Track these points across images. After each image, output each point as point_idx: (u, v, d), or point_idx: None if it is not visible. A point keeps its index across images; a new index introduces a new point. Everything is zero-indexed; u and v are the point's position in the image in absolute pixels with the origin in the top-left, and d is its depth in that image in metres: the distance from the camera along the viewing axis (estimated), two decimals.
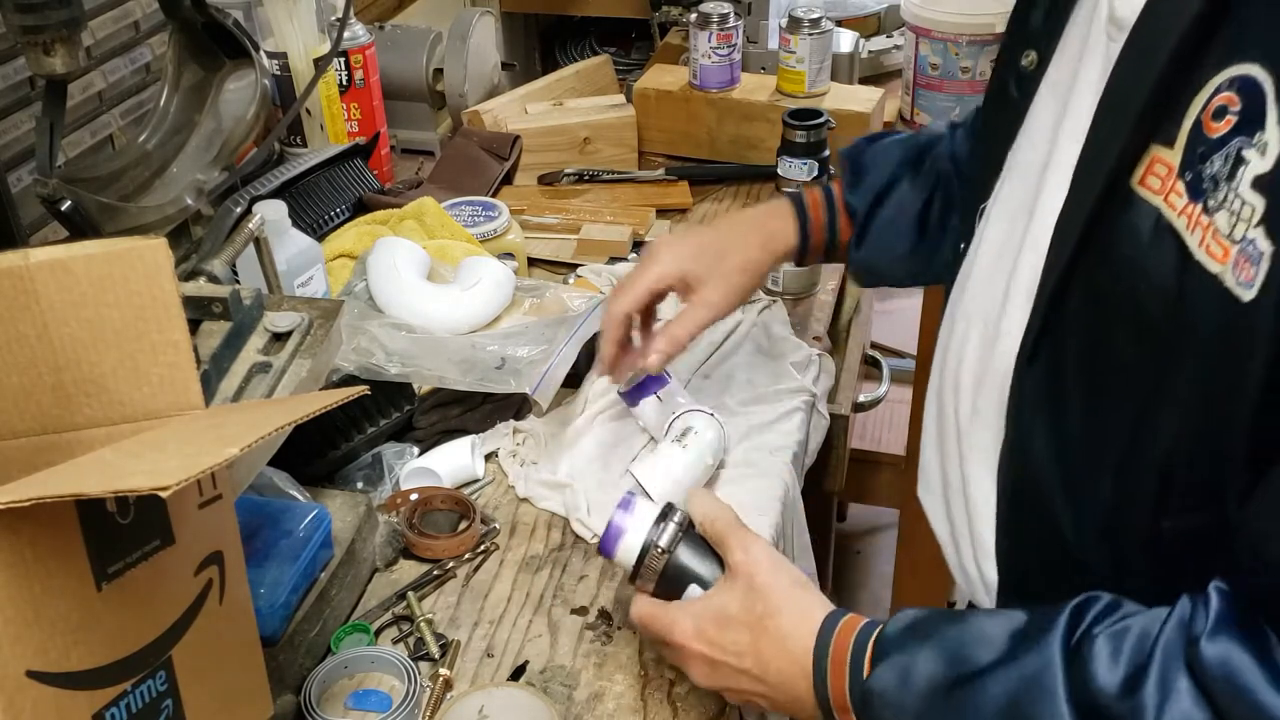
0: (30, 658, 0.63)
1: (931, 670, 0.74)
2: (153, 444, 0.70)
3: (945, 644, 0.75)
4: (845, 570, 2.60)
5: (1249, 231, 0.62)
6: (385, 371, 1.24)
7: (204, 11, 1.41)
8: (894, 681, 0.76)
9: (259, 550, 1.00)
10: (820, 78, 1.83)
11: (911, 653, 0.76)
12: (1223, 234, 0.63)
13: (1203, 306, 0.65)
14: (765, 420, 1.30)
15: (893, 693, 0.75)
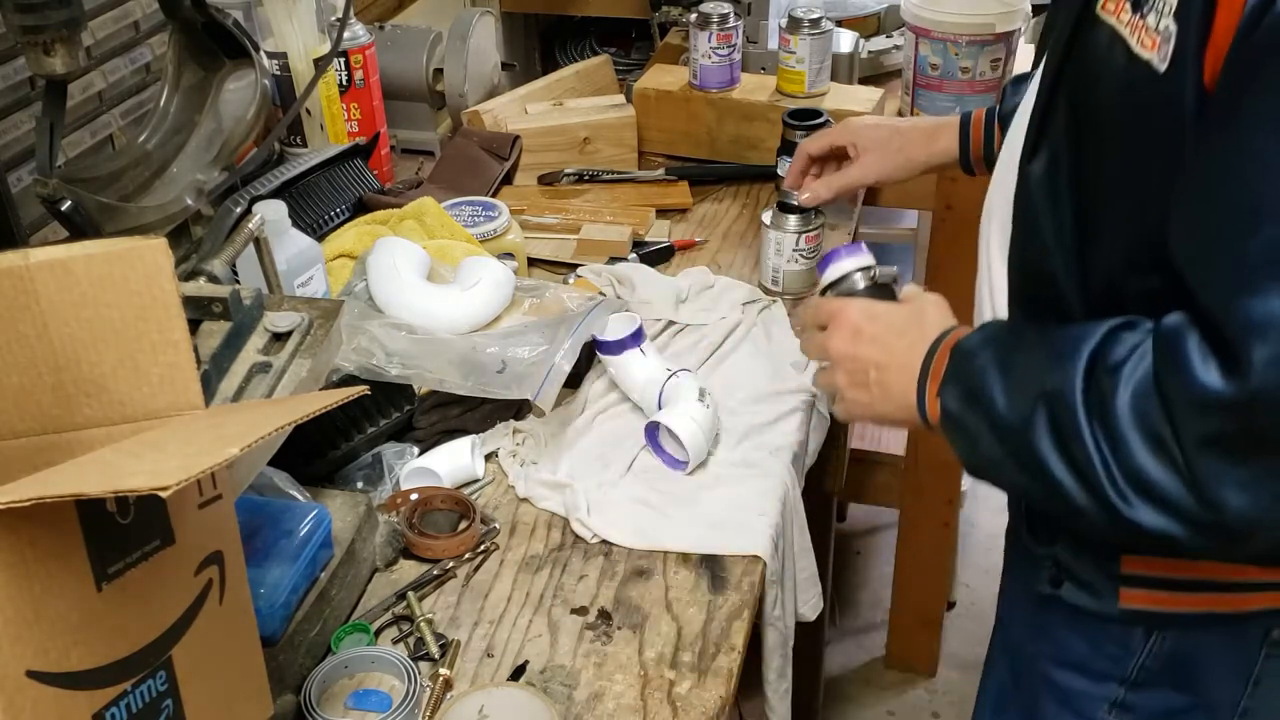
0: (30, 658, 0.63)
1: (1004, 339, 0.95)
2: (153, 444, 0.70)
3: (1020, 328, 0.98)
4: (845, 570, 2.60)
5: (1165, 20, 0.80)
6: (385, 372, 1.24)
7: (204, 11, 1.41)
8: (977, 342, 0.96)
9: (259, 550, 1.00)
10: (820, 78, 1.83)
11: (996, 328, 0.98)
12: (1151, 29, 0.82)
13: (1140, 89, 0.83)
14: (765, 420, 1.30)
15: (973, 348, 0.95)
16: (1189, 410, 0.79)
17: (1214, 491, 0.79)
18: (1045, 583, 1.02)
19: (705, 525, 1.17)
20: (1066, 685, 1.04)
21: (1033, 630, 1.07)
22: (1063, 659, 1.04)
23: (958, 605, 2.49)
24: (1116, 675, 1.00)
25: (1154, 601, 0.96)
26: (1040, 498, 0.91)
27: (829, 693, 2.28)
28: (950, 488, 2.13)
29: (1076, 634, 1.02)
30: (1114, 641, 0.99)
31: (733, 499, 1.20)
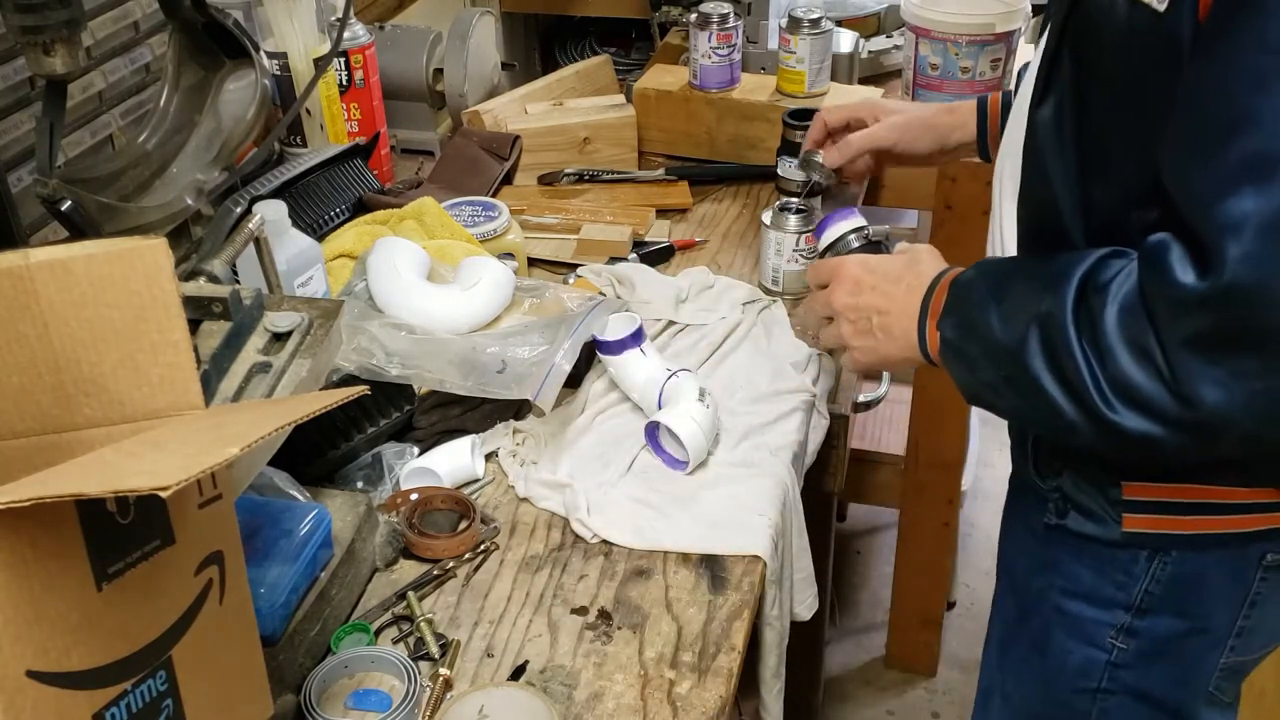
0: (30, 658, 0.63)
1: (999, 271, 1.02)
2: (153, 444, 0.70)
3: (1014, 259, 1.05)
4: (845, 570, 2.60)
5: None
6: (385, 372, 1.24)
7: (204, 11, 1.41)
8: (972, 274, 1.02)
9: (259, 550, 1.00)
10: (820, 78, 1.83)
11: (991, 263, 1.05)
12: None
13: (1141, 31, 0.88)
14: (765, 420, 1.30)
15: (970, 280, 1.02)
16: (1169, 312, 0.85)
17: (1191, 389, 0.84)
18: (1052, 514, 1.08)
19: (705, 525, 1.17)
20: (1076, 613, 1.09)
21: (1040, 565, 1.11)
22: (1071, 589, 1.08)
23: (958, 605, 2.49)
24: (1122, 602, 1.05)
25: (1155, 525, 1.01)
26: (1033, 417, 0.98)
27: (829, 693, 2.28)
28: (950, 488, 2.13)
29: (1083, 565, 1.07)
30: (1119, 569, 1.04)
31: (733, 499, 1.20)
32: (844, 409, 1.47)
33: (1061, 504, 1.07)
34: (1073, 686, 1.11)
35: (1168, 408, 0.86)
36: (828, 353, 1.42)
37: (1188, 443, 0.88)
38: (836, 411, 1.44)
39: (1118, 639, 1.07)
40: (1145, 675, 1.08)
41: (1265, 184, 0.80)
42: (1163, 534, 1.02)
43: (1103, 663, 1.09)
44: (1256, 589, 1.03)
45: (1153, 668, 1.07)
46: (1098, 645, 1.08)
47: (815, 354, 1.42)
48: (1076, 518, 1.06)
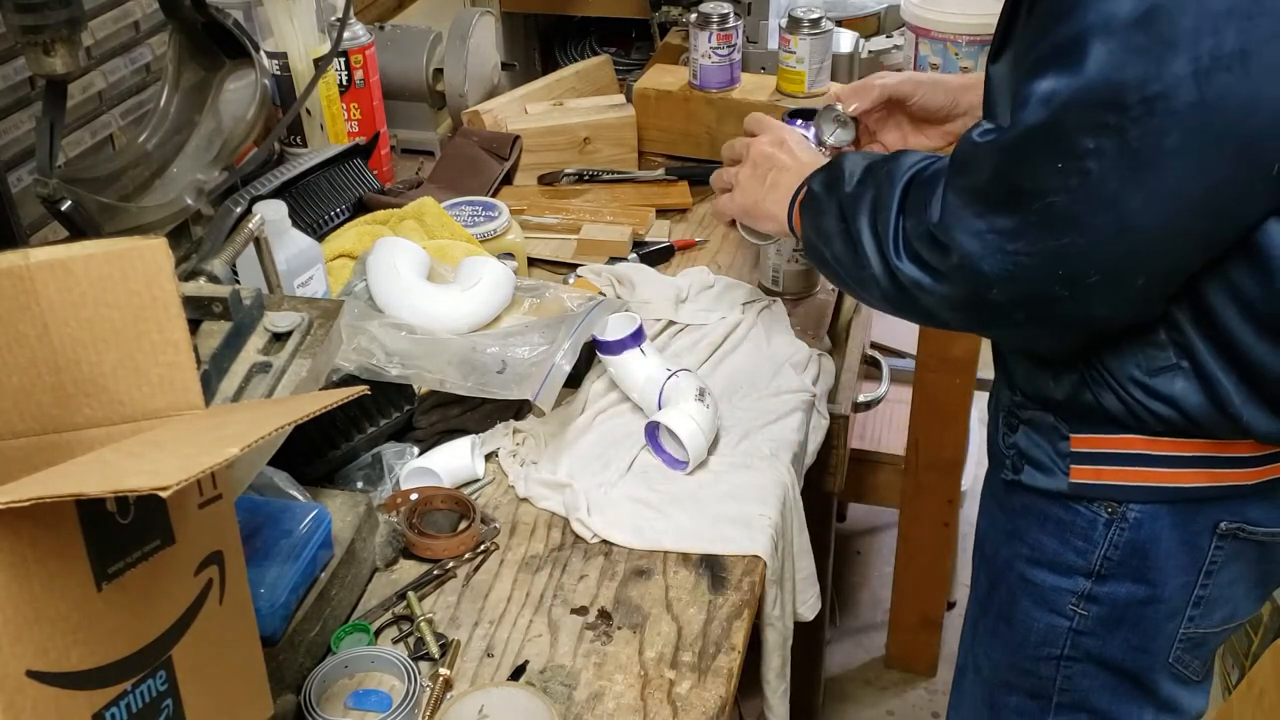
0: (30, 658, 0.63)
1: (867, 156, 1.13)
2: (153, 444, 0.70)
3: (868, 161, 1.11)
4: (845, 570, 2.60)
5: None
6: (385, 372, 1.24)
7: (204, 11, 1.41)
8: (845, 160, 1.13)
9: (259, 550, 1.00)
10: (820, 78, 1.83)
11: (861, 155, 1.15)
12: None
13: None
14: (765, 420, 1.30)
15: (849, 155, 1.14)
16: (956, 164, 0.97)
17: (950, 236, 0.95)
18: (1008, 470, 1.12)
19: (705, 525, 1.17)
20: (1039, 581, 1.12)
21: (1006, 535, 1.14)
22: (1035, 558, 1.11)
23: (958, 605, 2.49)
24: (1082, 569, 1.08)
25: (1100, 476, 1.05)
26: (850, 265, 1.07)
27: (829, 693, 2.28)
28: (950, 488, 2.13)
29: (1045, 532, 1.10)
30: (1079, 535, 1.07)
31: (733, 499, 1.20)
32: (844, 409, 1.47)
33: (1017, 460, 1.10)
34: (1037, 654, 1.14)
35: (931, 254, 0.97)
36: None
37: (947, 293, 0.97)
38: (836, 411, 1.44)
39: (1079, 605, 1.10)
40: (1106, 642, 1.10)
41: (1067, 67, 0.86)
42: (1107, 485, 1.04)
43: (1065, 629, 1.11)
44: (1212, 557, 1.05)
45: (1113, 635, 1.10)
46: (1060, 612, 1.11)
47: (815, 354, 1.42)
48: (1030, 472, 1.09)
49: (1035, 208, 0.90)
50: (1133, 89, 0.84)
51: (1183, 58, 0.83)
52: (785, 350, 1.41)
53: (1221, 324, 0.94)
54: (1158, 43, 0.83)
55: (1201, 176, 0.86)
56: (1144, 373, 0.98)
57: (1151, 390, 0.98)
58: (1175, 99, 0.83)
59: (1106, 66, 0.85)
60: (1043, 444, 1.08)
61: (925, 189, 0.99)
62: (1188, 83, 0.83)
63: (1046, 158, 0.89)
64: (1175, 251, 0.91)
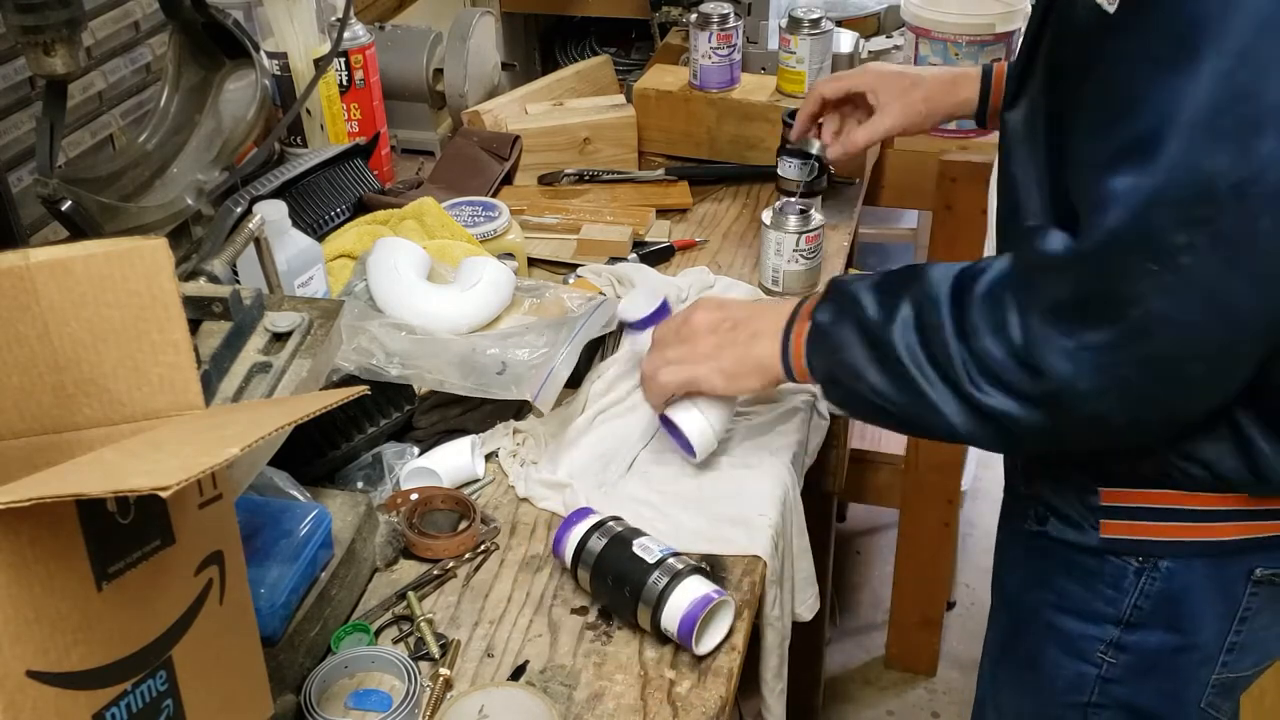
0: (30, 658, 0.63)
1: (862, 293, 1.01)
2: (153, 444, 0.70)
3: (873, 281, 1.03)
4: (845, 570, 2.60)
5: None
6: (385, 372, 1.24)
7: (204, 11, 1.41)
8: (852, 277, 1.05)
9: (259, 550, 1.00)
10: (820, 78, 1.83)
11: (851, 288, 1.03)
12: None
13: (1097, 32, 0.88)
14: (765, 420, 1.30)
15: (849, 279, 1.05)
16: (1032, 280, 0.90)
17: (1040, 358, 0.88)
18: (1032, 521, 1.09)
19: (705, 525, 1.17)
20: (1067, 629, 1.09)
21: (1031, 580, 1.12)
22: (1062, 605, 1.09)
23: (958, 605, 2.49)
24: (1111, 617, 1.06)
25: (1132, 531, 1.02)
26: (896, 400, 0.98)
27: (829, 693, 2.28)
28: (950, 488, 2.13)
29: (1073, 579, 1.07)
30: (1108, 584, 1.05)
31: (733, 499, 1.20)
32: None
33: (1042, 511, 1.08)
34: (1064, 701, 1.11)
35: (1020, 381, 0.90)
36: None
37: (1041, 421, 0.91)
38: (837, 411, 1.44)
39: (1108, 654, 1.07)
40: (1136, 690, 1.08)
41: (1145, 163, 0.82)
42: (1140, 540, 1.02)
43: (1093, 677, 1.09)
44: (1246, 604, 1.03)
45: (1144, 682, 1.07)
46: (1088, 660, 1.09)
47: None
48: (1056, 524, 1.06)
49: (1131, 315, 0.85)
50: (1221, 177, 0.80)
51: (1270, 139, 0.79)
52: None
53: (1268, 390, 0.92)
54: (1242, 126, 0.80)
55: None
56: (1185, 444, 0.96)
57: (1188, 455, 0.96)
58: (1265, 181, 0.80)
59: (1191, 156, 0.81)
60: (1070, 498, 1.05)
61: (991, 308, 0.91)
62: (1277, 162, 0.80)
63: (1137, 261, 0.84)
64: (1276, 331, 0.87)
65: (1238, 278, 0.83)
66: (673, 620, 1.02)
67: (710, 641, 1.04)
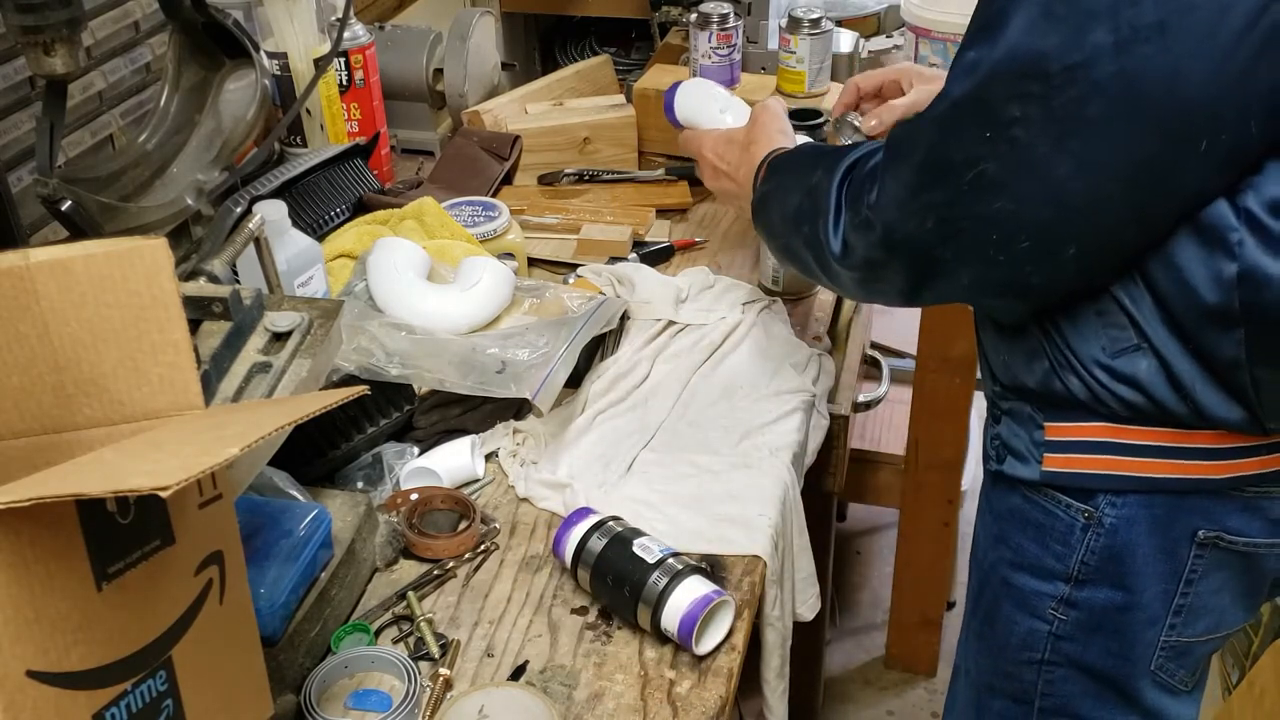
0: (30, 658, 0.63)
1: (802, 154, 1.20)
2: (153, 444, 0.70)
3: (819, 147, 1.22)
4: (845, 570, 2.60)
5: None
6: (385, 372, 1.24)
7: (204, 11, 1.41)
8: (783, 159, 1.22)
9: (259, 550, 1.00)
10: (820, 78, 1.83)
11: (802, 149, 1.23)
12: None
13: None
14: (765, 420, 1.30)
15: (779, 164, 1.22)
16: (892, 146, 0.99)
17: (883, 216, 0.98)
18: (992, 460, 1.12)
19: (705, 525, 1.17)
20: (1021, 585, 1.12)
21: (993, 539, 1.15)
22: (1017, 561, 1.11)
23: (957, 605, 2.49)
24: (1061, 573, 1.08)
25: (1069, 464, 1.05)
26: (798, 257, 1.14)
27: (829, 693, 2.28)
28: (950, 488, 2.13)
29: (1027, 536, 1.10)
30: (1057, 541, 1.07)
31: (733, 499, 1.20)
32: (844, 409, 1.47)
33: (1000, 450, 1.11)
34: (1019, 658, 1.14)
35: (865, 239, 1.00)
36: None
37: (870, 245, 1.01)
38: (836, 411, 1.44)
39: (1058, 610, 1.10)
40: (1085, 647, 1.10)
41: (989, 39, 0.89)
42: (1077, 473, 1.05)
43: (1045, 634, 1.11)
44: (1192, 566, 1.05)
45: (1092, 640, 1.10)
46: (1040, 616, 1.11)
47: (815, 354, 1.42)
48: (1011, 462, 1.10)
49: (967, 177, 0.92)
50: (1054, 58, 0.86)
51: (1103, 27, 0.84)
52: (785, 350, 1.41)
53: (1172, 305, 0.94)
54: (1078, 12, 0.85)
55: (1127, 147, 0.87)
56: (1107, 355, 0.98)
57: (1114, 372, 0.98)
58: (1096, 68, 0.85)
59: (1027, 35, 0.86)
60: (1021, 433, 1.08)
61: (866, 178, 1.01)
62: (1108, 52, 0.84)
63: (975, 128, 0.90)
64: (1105, 222, 0.91)
65: (1065, 158, 0.88)
66: (673, 620, 1.02)
67: (710, 641, 1.04)
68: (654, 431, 1.29)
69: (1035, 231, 0.92)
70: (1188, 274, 0.92)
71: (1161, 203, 0.90)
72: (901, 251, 0.99)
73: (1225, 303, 0.92)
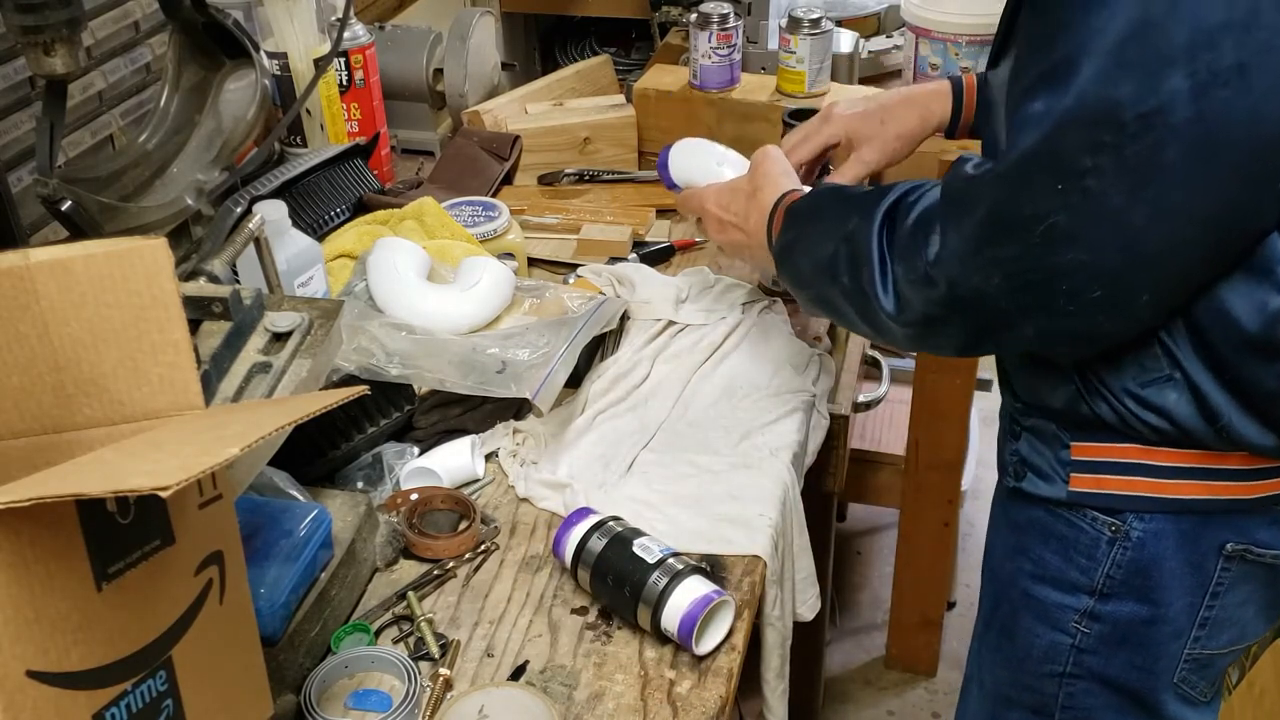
0: (30, 658, 0.63)
1: (824, 199, 1.14)
2: (153, 444, 0.70)
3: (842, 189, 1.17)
4: (845, 570, 2.60)
5: None
6: (385, 372, 1.24)
7: (204, 11, 1.41)
8: (803, 204, 1.16)
9: (259, 550, 1.00)
10: (820, 78, 1.83)
11: (821, 192, 1.17)
12: None
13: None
14: (765, 420, 1.30)
15: (799, 209, 1.16)
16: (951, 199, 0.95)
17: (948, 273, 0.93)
18: (1010, 477, 1.11)
19: (705, 525, 1.17)
20: (1042, 597, 1.11)
21: (1011, 550, 1.14)
22: (1039, 574, 1.11)
23: (958, 605, 2.49)
24: (1085, 586, 1.08)
25: (1098, 485, 1.04)
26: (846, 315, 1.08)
27: (829, 693, 2.28)
28: (950, 488, 2.13)
29: (1049, 549, 1.09)
30: (1082, 553, 1.07)
31: (733, 499, 1.20)
32: (844, 409, 1.47)
33: (1020, 467, 1.10)
34: (1039, 670, 1.14)
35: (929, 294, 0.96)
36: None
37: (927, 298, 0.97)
38: (836, 411, 1.44)
39: (1081, 623, 1.09)
40: (1108, 661, 1.10)
41: (1059, 87, 0.86)
42: (1106, 494, 1.04)
43: (1067, 647, 1.11)
44: (1218, 579, 1.05)
45: (1116, 653, 1.09)
46: (1063, 629, 1.11)
47: (815, 354, 1.42)
48: (1033, 480, 1.09)
49: (1038, 231, 0.88)
50: (1128, 105, 0.83)
51: (1179, 73, 0.82)
52: (785, 350, 1.41)
53: (1210, 338, 0.94)
54: (1152, 58, 0.82)
55: (1204, 191, 0.85)
56: (1137, 384, 0.98)
57: (1143, 401, 0.98)
58: (1172, 114, 0.83)
59: (1099, 83, 0.84)
60: (1044, 451, 1.07)
61: (914, 232, 0.96)
62: (1185, 98, 0.82)
63: (1046, 180, 0.87)
64: (1180, 265, 0.90)
65: (1140, 207, 0.86)
66: (673, 620, 1.02)
67: (710, 641, 1.04)
68: (654, 431, 1.29)
69: (1108, 281, 0.89)
70: (1229, 306, 0.92)
71: (1235, 242, 0.90)
72: (965, 308, 0.95)
73: (1267, 334, 0.91)
